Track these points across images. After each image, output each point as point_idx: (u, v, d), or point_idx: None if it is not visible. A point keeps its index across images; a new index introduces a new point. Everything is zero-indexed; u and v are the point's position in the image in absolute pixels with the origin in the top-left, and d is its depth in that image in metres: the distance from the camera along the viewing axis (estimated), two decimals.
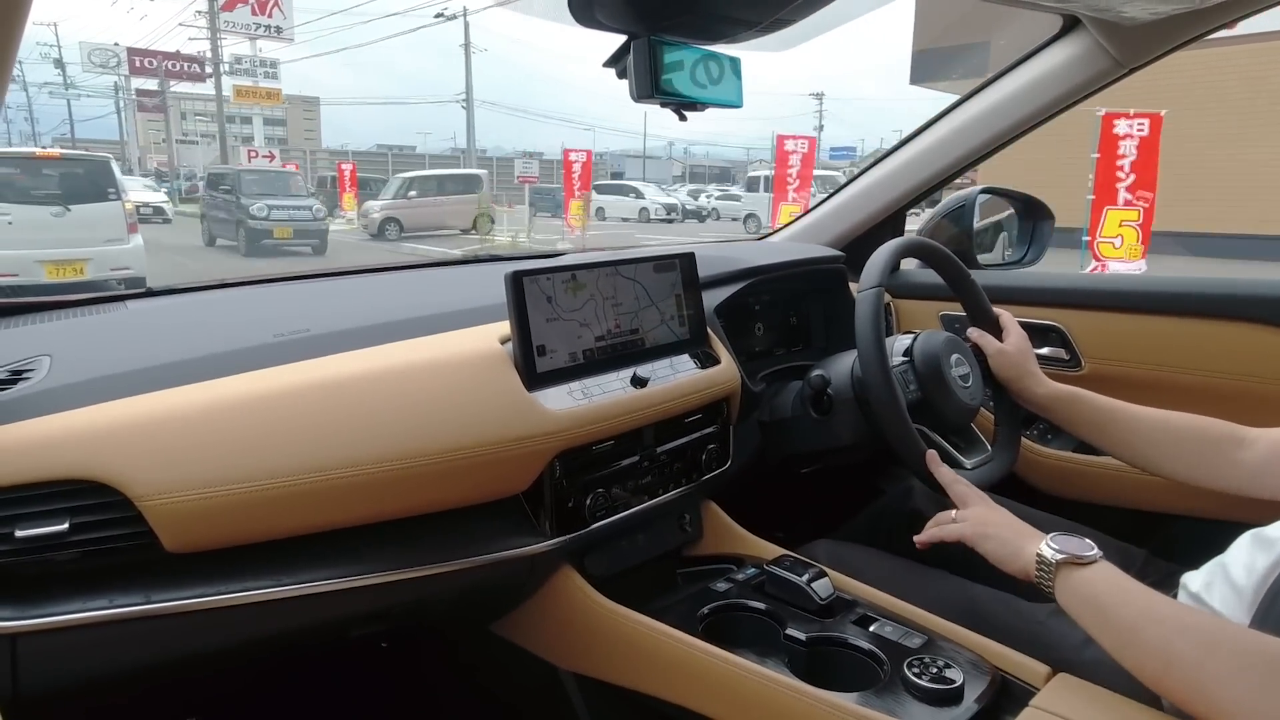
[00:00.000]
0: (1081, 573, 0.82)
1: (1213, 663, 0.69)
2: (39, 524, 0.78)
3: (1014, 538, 0.91)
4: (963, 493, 1.01)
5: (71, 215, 8.18)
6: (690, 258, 1.20)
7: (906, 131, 1.74)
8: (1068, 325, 1.49)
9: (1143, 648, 0.74)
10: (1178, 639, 0.72)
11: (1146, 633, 0.74)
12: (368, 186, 22.40)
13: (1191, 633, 0.72)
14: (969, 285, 1.27)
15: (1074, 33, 1.41)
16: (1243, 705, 0.66)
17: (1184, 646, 0.71)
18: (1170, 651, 0.72)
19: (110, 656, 0.85)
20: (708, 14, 0.96)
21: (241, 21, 25.24)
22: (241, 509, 0.84)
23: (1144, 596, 0.77)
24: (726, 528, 1.24)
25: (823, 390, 1.22)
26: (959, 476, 1.04)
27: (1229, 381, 1.34)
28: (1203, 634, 0.71)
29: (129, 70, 29.51)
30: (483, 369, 0.99)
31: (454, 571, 0.96)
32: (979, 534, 0.95)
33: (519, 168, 19.83)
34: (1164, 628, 0.73)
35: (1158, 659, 0.73)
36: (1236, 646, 0.69)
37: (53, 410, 0.83)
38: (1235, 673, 0.67)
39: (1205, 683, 0.68)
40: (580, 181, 15.65)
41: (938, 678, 0.87)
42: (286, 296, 1.44)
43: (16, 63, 0.70)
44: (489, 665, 1.29)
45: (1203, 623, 0.73)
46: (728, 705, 0.93)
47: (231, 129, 29.76)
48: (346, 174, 22.37)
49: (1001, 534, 0.93)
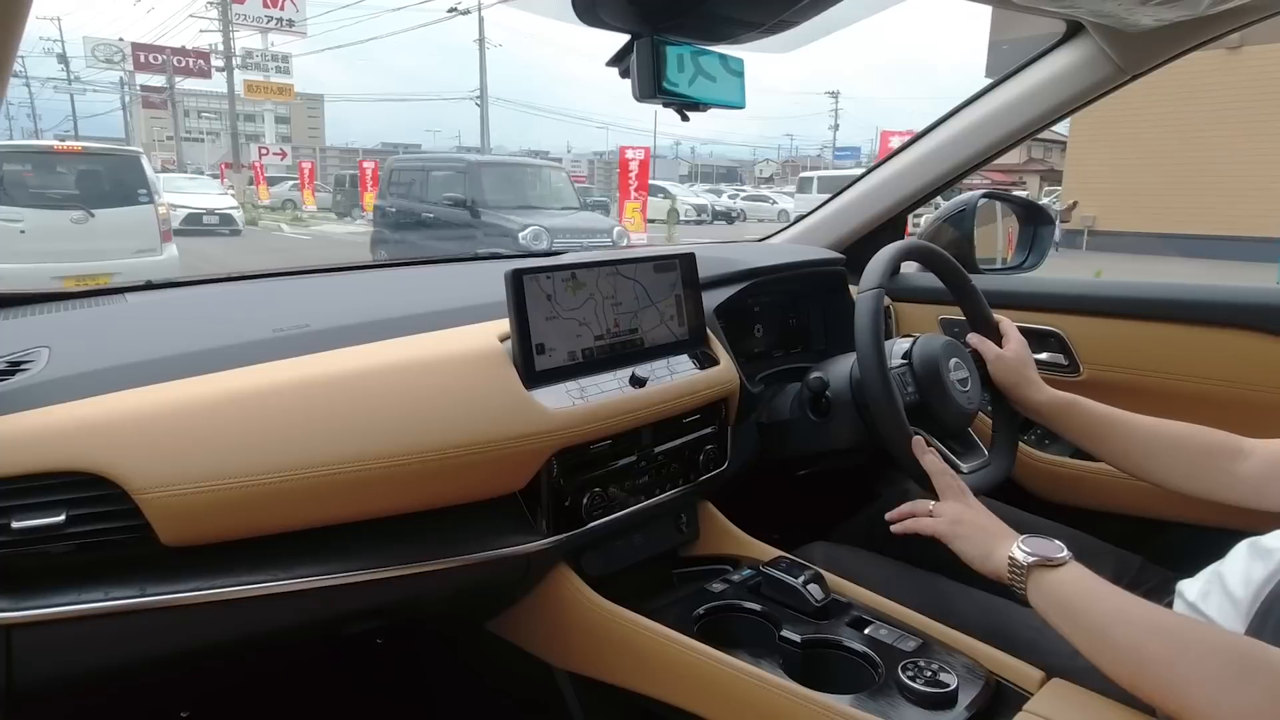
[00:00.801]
0: (1052, 575, 0.82)
1: (1184, 662, 0.69)
2: (35, 515, 0.78)
3: (987, 539, 0.91)
4: (946, 484, 1.01)
5: (95, 221, 6.81)
6: (690, 258, 1.20)
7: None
8: (1067, 331, 1.49)
9: (1115, 649, 0.75)
10: (1149, 640, 0.72)
11: (1118, 633, 0.75)
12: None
13: (1163, 633, 0.72)
14: (969, 289, 1.27)
15: (1077, 38, 1.41)
16: (1216, 703, 0.66)
17: (1156, 647, 0.71)
18: (1142, 652, 0.72)
19: (105, 650, 0.86)
20: (711, 15, 0.96)
21: (253, 14, 24.90)
22: (238, 504, 0.84)
23: (1114, 598, 0.78)
24: (723, 529, 1.25)
25: (821, 392, 1.22)
26: (946, 467, 1.03)
27: (1228, 389, 1.34)
28: (1174, 634, 0.72)
29: (133, 66, 29.39)
30: (481, 366, 0.99)
31: (450, 569, 0.96)
32: (953, 533, 0.95)
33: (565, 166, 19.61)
34: (1135, 628, 0.74)
35: (1130, 660, 0.73)
36: (1207, 645, 0.70)
37: (51, 402, 0.84)
38: (1207, 671, 0.68)
39: (1177, 682, 0.69)
40: (637, 181, 14.19)
41: (932, 681, 0.88)
42: (286, 291, 1.44)
43: (19, 57, 0.70)
44: (484, 663, 1.29)
45: (1173, 623, 0.74)
46: (722, 706, 0.93)
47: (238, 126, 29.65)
48: (369, 172, 20.64)
49: (975, 535, 0.93)
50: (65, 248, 6.55)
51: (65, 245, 6.57)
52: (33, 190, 6.77)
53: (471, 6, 28.56)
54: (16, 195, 6.66)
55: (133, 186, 7.12)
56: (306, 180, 21.72)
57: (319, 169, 31.39)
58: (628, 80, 0.98)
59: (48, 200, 6.77)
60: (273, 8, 24.89)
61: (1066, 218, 16.64)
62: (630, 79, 0.97)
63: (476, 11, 28.76)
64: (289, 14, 25.29)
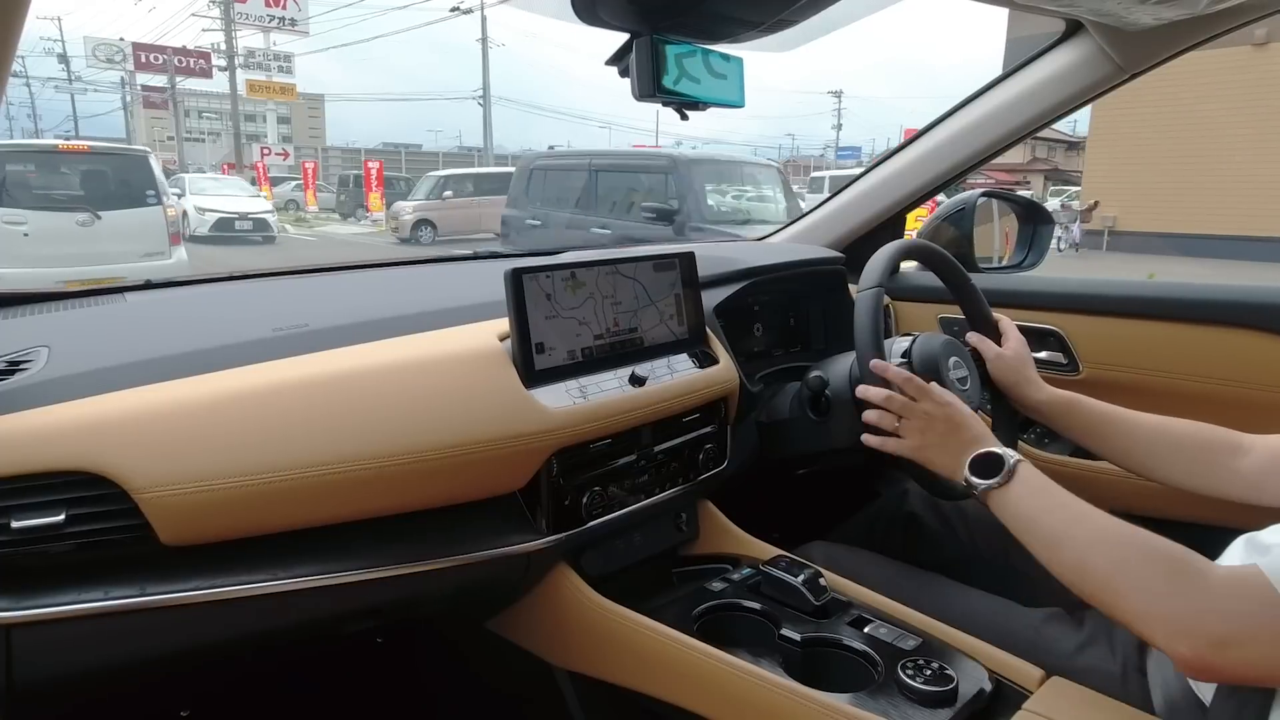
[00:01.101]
0: (1006, 492, 0.88)
1: (1121, 574, 0.76)
2: (35, 515, 0.78)
3: (948, 460, 0.96)
4: (918, 388, 1.01)
5: (101, 224, 6.56)
6: (690, 257, 1.20)
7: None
8: (1066, 330, 1.49)
9: (1062, 561, 0.82)
10: (1092, 552, 0.79)
11: (1065, 545, 0.82)
12: (392, 186, 21.29)
13: (1105, 545, 0.79)
14: (968, 288, 1.27)
15: (1076, 37, 1.41)
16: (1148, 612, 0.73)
17: (1098, 559, 0.78)
18: (1086, 564, 0.79)
19: (105, 649, 0.86)
20: (710, 14, 0.96)
21: (255, 13, 24.68)
22: (238, 503, 0.84)
23: (1063, 510, 0.84)
24: (723, 528, 1.25)
25: (821, 391, 1.22)
26: (910, 375, 1.02)
27: (1227, 388, 1.34)
28: (1115, 545, 0.78)
29: (134, 66, 29.31)
30: (481, 366, 0.99)
31: (449, 568, 0.97)
32: (919, 456, 0.99)
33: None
34: (1080, 541, 0.80)
35: (1074, 570, 0.80)
36: (1144, 555, 0.76)
37: (50, 401, 0.84)
38: (1141, 581, 0.74)
39: (1117, 591, 0.75)
40: None
41: (931, 679, 0.88)
42: (286, 291, 1.44)
43: (19, 57, 0.70)
44: (484, 662, 1.29)
45: (1115, 534, 0.79)
46: (722, 705, 0.93)
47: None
48: (373, 172, 20.81)
49: (935, 458, 0.98)
50: (70, 251, 6.31)
51: (70, 249, 6.34)
52: (36, 191, 6.51)
53: (474, 5, 28.49)
54: (19, 197, 6.40)
55: (140, 187, 6.88)
56: (310, 180, 21.58)
57: (321, 169, 31.29)
58: (627, 79, 0.98)
59: (52, 202, 6.53)
60: (274, 7, 24.72)
61: (1087, 218, 16.46)
62: (630, 78, 0.97)
63: (479, 10, 28.70)
64: (291, 13, 25.14)
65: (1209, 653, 0.69)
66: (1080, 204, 17.02)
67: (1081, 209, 16.63)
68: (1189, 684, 0.83)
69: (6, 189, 6.40)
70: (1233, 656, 0.68)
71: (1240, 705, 0.73)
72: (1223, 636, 0.69)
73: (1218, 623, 0.69)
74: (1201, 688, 0.81)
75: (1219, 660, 0.69)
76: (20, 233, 6.27)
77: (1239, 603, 0.69)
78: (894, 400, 1.02)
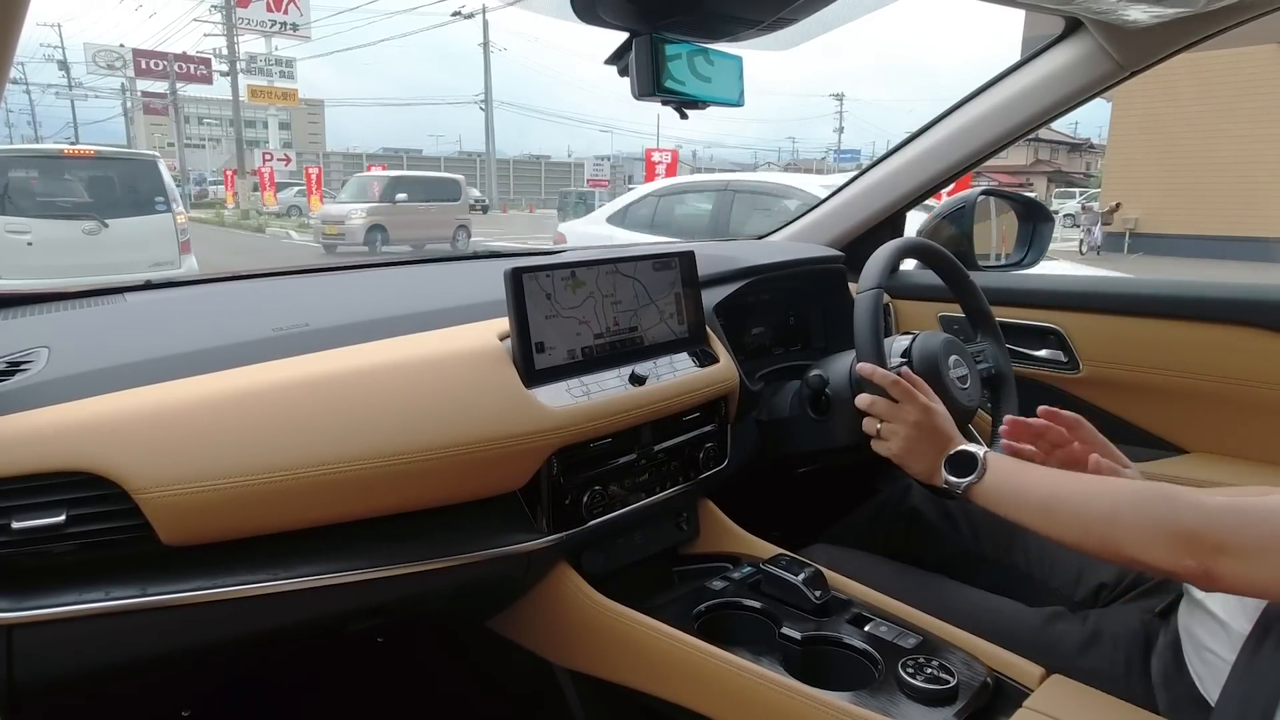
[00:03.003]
0: (984, 485, 0.91)
1: (1124, 511, 0.78)
2: (36, 515, 0.78)
3: (925, 466, 0.98)
4: (903, 391, 1.01)
5: (109, 232, 6.24)
6: (689, 256, 1.20)
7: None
8: (1066, 328, 1.49)
9: (1060, 524, 0.84)
10: (1087, 503, 0.82)
11: (1058, 507, 0.84)
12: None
13: (1098, 495, 0.82)
14: (968, 287, 1.27)
15: (1076, 35, 1.41)
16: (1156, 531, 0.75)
17: (1096, 506, 0.81)
18: (1085, 521, 0.81)
19: (106, 649, 0.86)
20: (710, 12, 0.96)
21: (257, 18, 24.64)
22: (238, 503, 0.84)
23: (1042, 485, 0.87)
24: (723, 526, 1.24)
25: (821, 390, 1.22)
26: (894, 376, 1.02)
27: (1227, 385, 1.34)
28: (1108, 493, 0.81)
29: (134, 72, 29.31)
30: (481, 365, 0.99)
31: (450, 567, 0.97)
32: (901, 460, 1.01)
33: (589, 170, 19.41)
34: (1071, 499, 0.83)
35: (1075, 524, 0.82)
36: (1135, 490, 0.79)
37: (51, 402, 0.84)
38: (1144, 508, 0.77)
39: (1123, 521, 0.78)
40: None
41: (932, 678, 0.87)
42: (285, 291, 1.44)
43: (18, 64, 0.70)
44: (485, 661, 1.29)
45: (1103, 484, 0.84)
46: (722, 703, 0.93)
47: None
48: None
49: (914, 464, 1.00)
50: (76, 261, 6.00)
51: (76, 258, 6.02)
52: (40, 199, 6.15)
53: (475, 10, 28.50)
54: (23, 204, 6.07)
55: (149, 194, 6.55)
56: (315, 186, 21.43)
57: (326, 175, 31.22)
58: (626, 79, 0.98)
59: (57, 209, 6.18)
60: (276, 11, 24.77)
61: (1109, 220, 16.33)
62: (629, 77, 0.97)
63: (481, 15, 28.72)
64: (292, 18, 25.11)
65: (1213, 562, 0.71)
66: (1101, 206, 16.92)
67: (1103, 211, 16.53)
68: (1194, 684, 0.83)
69: (9, 196, 6.12)
70: (1237, 567, 0.70)
71: (1245, 704, 0.72)
72: (1224, 543, 0.71)
73: (1221, 533, 0.71)
74: (1207, 687, 0.81)
75: (1222, 569, 0.71)
76: (24, 242, 5.98)
77: (1239, 516, 0.71)
78: (878, 405, 1.03)
